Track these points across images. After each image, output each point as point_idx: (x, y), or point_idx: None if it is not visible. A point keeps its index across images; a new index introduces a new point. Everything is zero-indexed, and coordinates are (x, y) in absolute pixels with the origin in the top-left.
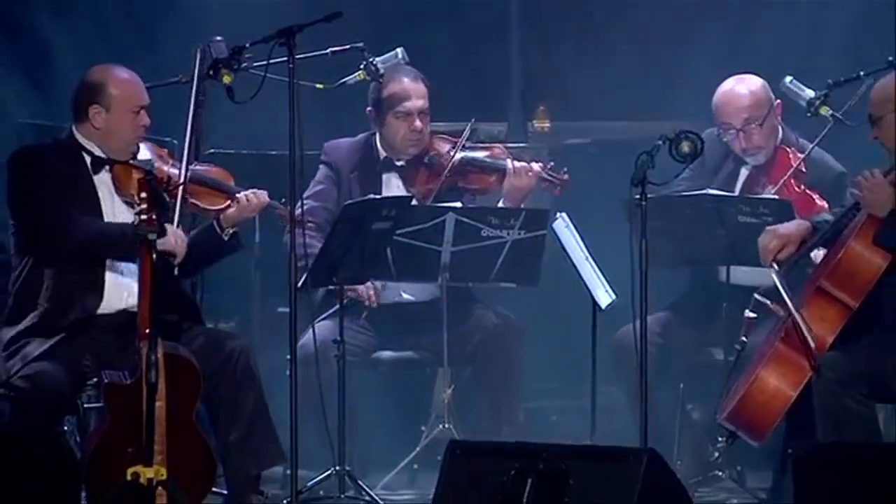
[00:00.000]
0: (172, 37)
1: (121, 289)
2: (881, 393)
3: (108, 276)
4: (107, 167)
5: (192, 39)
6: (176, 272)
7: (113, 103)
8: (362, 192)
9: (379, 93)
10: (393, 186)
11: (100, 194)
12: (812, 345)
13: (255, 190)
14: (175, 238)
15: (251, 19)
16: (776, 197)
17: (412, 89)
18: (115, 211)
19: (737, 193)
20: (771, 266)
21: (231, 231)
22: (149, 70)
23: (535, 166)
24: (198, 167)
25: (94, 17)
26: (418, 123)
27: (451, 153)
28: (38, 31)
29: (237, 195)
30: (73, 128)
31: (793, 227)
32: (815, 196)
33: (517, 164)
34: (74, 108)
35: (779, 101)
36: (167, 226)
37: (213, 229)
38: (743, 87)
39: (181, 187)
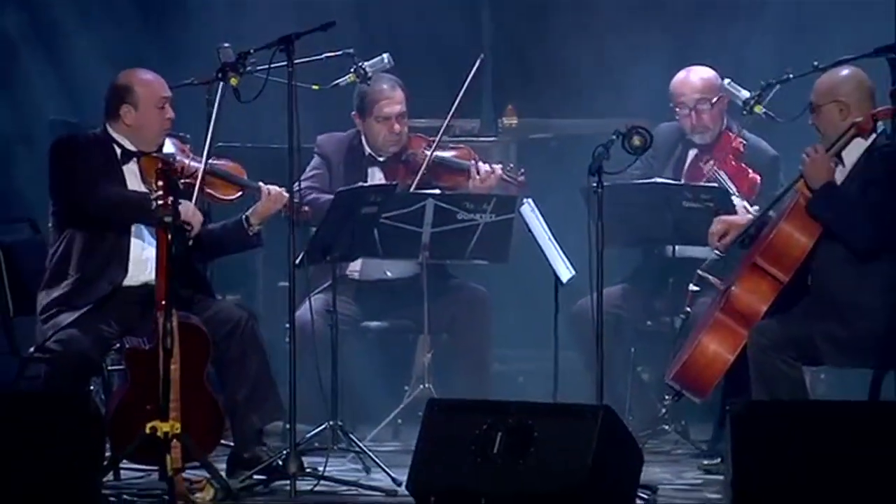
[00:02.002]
0: (186, 43)
1: (144, 263)
2: (808, 357)
3: (133, 251)
4: (135, 158)
5: (202, 45)
6: (190, 243)
7: (140, 101)
8: (349, 182)
9: (362, 99)
10: (376, 179)
11: (128, 181)
12: None
13: (279, 190)
14: (190, 210)
15: (255, 28)
16: (715, 185)
17: (391, 96)
18: None
19: (685, 170)
20: (715, 248)
21: (257, 227)
22: (164, 73)
23: (497, 169)
24: (214, 161)
25: (118, 26)
26: (397, 126)
27: (426, 152)
28: (68, 38)
29: (262, 188)
30: (106, 125)
31: (738, 218)
32: (750, 170)
33: (481, 166)
34: (107, 108)
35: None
36: (184, 202)
37: (241, 224)
38: (696, 74)
39: (199, 177)
